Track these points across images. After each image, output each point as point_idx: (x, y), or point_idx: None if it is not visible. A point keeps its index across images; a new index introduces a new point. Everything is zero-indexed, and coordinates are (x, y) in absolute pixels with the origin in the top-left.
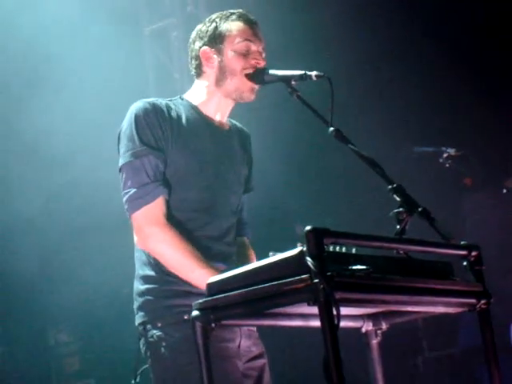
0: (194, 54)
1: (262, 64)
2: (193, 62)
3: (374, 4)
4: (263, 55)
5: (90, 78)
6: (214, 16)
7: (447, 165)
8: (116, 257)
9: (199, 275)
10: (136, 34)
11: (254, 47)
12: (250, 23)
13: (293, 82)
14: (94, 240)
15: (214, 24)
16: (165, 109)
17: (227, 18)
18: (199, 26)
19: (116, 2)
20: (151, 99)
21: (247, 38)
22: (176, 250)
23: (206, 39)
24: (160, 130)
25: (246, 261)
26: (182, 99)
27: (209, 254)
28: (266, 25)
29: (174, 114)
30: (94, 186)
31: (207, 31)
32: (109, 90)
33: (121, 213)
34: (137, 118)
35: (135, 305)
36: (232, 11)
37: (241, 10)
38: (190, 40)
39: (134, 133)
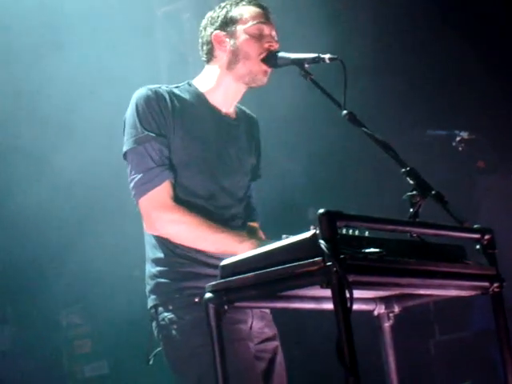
0: (205, 39)
1: (276, 47)
2: (204, 47)
3: None
4: (276, 38)
5: (103, 61)
6: (223, 3)
7: (460, 148)
8: (127, 239)
9: (217, 239)
10: (148, 15)
11: (266, 30)
12: (260, 6)
13: (306, 65)
14: (106, 223)
15: (225, 9)
16: (167, 96)
17: (237, 3)
18: (210, 13)
19: None
20: (154, 86)
21: (260, 21)
22: (188, 225)
23: (217, 24)
24: (162, 117)
25: (262, 241)
26: (190, 85)
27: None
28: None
29: (177, 101)
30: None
31: (218, 16)
32: (121, 72)
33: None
34: (139, 105)
35: (147, 288)
36: None
37: None
38: (201, 27)
39: (137, 120)
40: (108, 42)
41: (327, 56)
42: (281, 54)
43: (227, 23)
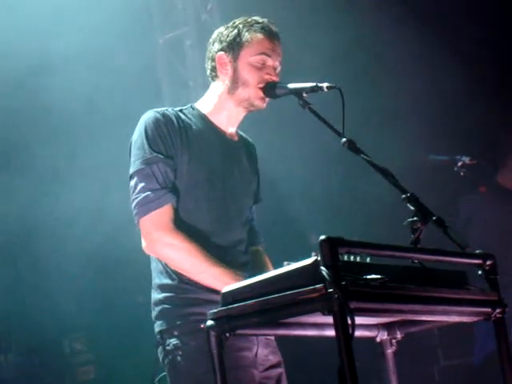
0: (211, 55)
1: (275, 79)
2: (209, 62)
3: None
4: (278, 70)
5: (104, 87)
6: (237, 21)
7: (462, 173)
8: (131, 266)
9: (210, 275)
10: (150, 43)
11: (269, 62)
12: (270, 36)
13: (304, 95)
14: (109, 251)
15: (236, 30)
16: (174, 119)
17: (251, 26)
18: (221, 29)
19: (130, 12)
20: (161, 109)
21: (264, 52)
22: (185, 253)
23: (224, 44)
24: (170, 140)
25: (264, 268)
26: (194, 108)
27: (223, 263)
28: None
29: (183, 124)
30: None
31: (228, 36)
32: (123, 99)
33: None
34: (147, 128)
35: (153, 314)
36: (257, 19)
37: (266, 21)
38: (210, 40)
39: (145, 141)
40: (110, 69)
41: (325, 85)
42: (280, 85)
43: (234, 46)
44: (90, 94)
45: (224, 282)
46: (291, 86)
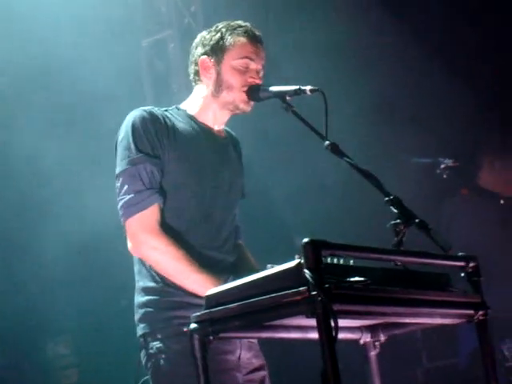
0: (194, 59)
1: (258, 82)
2: (192, 66)
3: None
4: (261, 74)
5: (87, 89)
6: (220, 25)
7: (444, 176)
8: (113, 268)
9: (194, 281)
10: (133, 45)
11: (253, 65)
12: (254, 40)
13: (287, 98)
14: (93, 253)
15: (219, 34)
16: (161, 117)
17: (233, 30)
18: (204, 33)
19: (113, 14)
20: (148, 107)
21: (248, 56)
22: (170, 257)
23: (207, 48)
24: (156, 139)
25: (249, 262)
26: (179, 109)
27: (208, 263)
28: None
29: (170, 122)
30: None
31: (211, 40)
32: (106, 101)
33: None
34: (133, 127)
35: (136, 317)
36: (240, 24)
37: (248, 25)
38: (193, 44)
39: (131, 141)
40: (92, 71)
41: (308, 88)
42: (263, 88)
43: (216, 50)
44: (72, 98)
45: (207, 288)
46: (274, 89)
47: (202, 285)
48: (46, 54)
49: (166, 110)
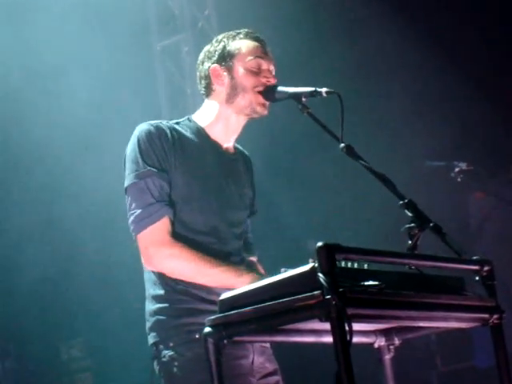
0: (202, 74)
1: (273, 82)
2: (202, 82)
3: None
4: (273, 73)
5: (103, 94)
6: (220, 36)
7: (459, 179)
8: (128, 272)
9: (215, 274)
10: (147, 49)
11: (264, 65)
12: (258, 41)
13: (303, 99)
14: (106, 257)
15: (222, 43)
16: (168, 131)
17: (234, 37)
18: (207, 47)
19: (127, 19)
20: (155, 121)
21: (258, 56)
22: (185, 259)
23: (215, 58)
24: (164, 152)
25: (261, 275)
26: (190, 121)
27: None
28: (275, 41)
29: (178, 136)
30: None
31: (216, 51)
32: (121, 106)
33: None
34: (140, 141)
35: (147, 325)
36: (238, 31)
37: (246, 29)
38: (198, 61)
39: (138, 155)
40: (107, 76)
41: (324, 90)
42: (279, 89)
43: (225, 57)
44: (86, 102)
45: (230, 278)
46: (290, 90)
47: (224, 276)
48: (55, 61)
49: (177, 123)
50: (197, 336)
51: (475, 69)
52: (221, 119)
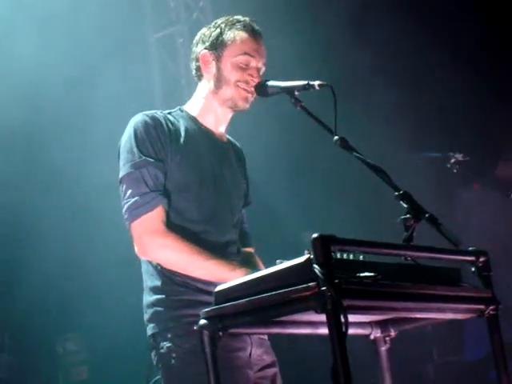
0: (194, 55)
1: (256, 81)
2: (193, 63)
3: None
4: (261, 71)
5: (97, 86)
6: (219, 21)
7: (455, 170)
8: (123, 265)
9: (208, 267)
10: (142, 41)
11: (253, 63)
12: (254, 35)
13: (296, 93)
14: (102, 250)
15: (218, 30)
16: (163, 121)
17: (232, 25)
18: (204, 30)
19: (121, 10)
20: (150, 112)
21: (248, 52)
22: (179, 251)
23: (207, 43)
24: (159, 142)
25: (255, 269)
26: (182, 111)
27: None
28: (270, 32)
29: (173, 126)
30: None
31: (210, 36)
32: (116, 98)
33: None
34: (136, 131)
35: (145, 317)
36: (238, 18)
37: (247, 19)
38: (194, 42)
39: (134, 145)
40: (102, 67)
41: (317, 83)
42: (270, 83)
43: (217, 45)
44: (81, 92)
45: (223, 272)
46: (282, 84)
47: (216, 270)
48: (50, 54)
49: (169, 113)
50: (195, 327)
51: (479, 58)
52: (210, 109)
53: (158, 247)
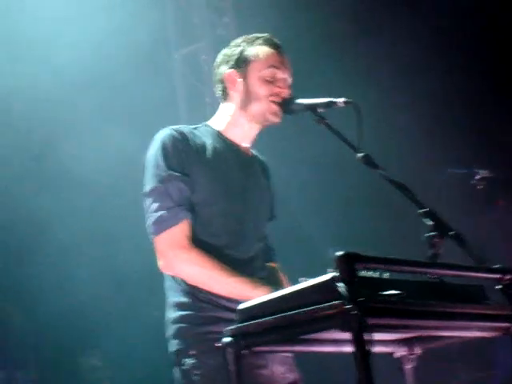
0: (218, 77)
1: (286, 92)
2: (218, 85)
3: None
4: (289, 82)
5: (122, 103)
6: (239, 40)
7: (480, 186)
8: (146, 280)
9: (231, 285)
10: (166, 58)
11: (279, 74)
12: (276, 48)
13: (319, 110)
14: (122, 267)
15: (239, 48)
16: (190, 135)
17: (253, 42)
18: (224, 50)
19: (146, 28)
20: (177, 126)
21: (273, 65)
22: (203, 267)
23: (231, 63)
24: (185, 156)
25: (280, 284)
26: (207, 126)
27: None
28: (294, 48)
29: (199, 140)
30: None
31: (232, 55)
32: (140, 114)
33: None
34: (163, 145)
35: (168, 332)
36: (258, 35)
37: (267, 35)
38: (215, 63)
39: (160, 159)
40: (127, 84)
41: (341, 100)
42: (297, 101)
43: (240, 63)
44: (106, 110)
45: (246, 290)
46: (307, 101)
47: (239, 288)
48: (76, 69)
49: (195, 128)
50: (217, 345)
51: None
52: (237, 124)
53: (181, 262)
